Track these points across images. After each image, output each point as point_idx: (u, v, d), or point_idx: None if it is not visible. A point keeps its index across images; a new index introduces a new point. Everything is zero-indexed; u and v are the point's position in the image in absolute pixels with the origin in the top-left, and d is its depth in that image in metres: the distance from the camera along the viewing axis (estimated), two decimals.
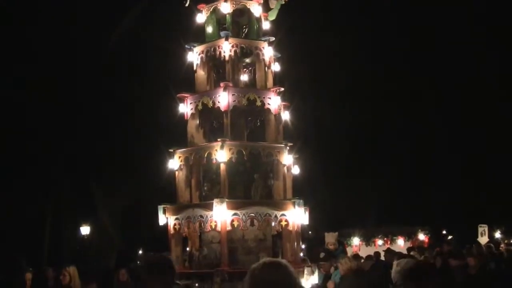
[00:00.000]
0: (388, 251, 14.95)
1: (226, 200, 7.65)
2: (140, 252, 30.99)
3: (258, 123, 9.06)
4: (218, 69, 9.12)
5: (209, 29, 8.96)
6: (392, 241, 21.94)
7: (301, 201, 8.05)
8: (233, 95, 8.25)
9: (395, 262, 8.13)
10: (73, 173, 26.96)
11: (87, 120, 26.75)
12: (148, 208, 12.16)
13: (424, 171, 33.94)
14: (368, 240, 22.20)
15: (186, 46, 8.97)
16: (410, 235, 22.55)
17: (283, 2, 9.13)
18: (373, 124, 31.68)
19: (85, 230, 28.10)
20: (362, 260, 15.78)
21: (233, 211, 7.69)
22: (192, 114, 8.64)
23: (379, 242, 21.94)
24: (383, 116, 31.54)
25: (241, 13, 9.06)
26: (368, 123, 31.63)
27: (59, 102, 26.05)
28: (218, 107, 8.29)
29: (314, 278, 8.19)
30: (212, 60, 8.95)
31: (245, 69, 9.30)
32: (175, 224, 8.22)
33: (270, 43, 8.87)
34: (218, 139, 8.00)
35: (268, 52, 8.82)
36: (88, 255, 26.06)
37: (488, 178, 33.72)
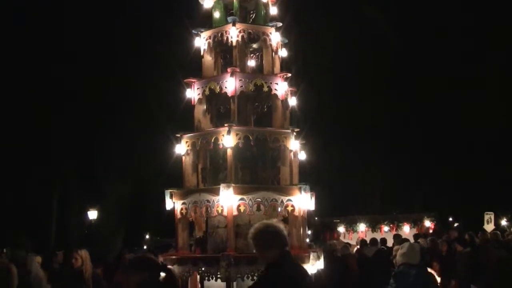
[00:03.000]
0: (397, 236, 15.06)
1: (233, 185, 7.68)
2: (147, 236, 31.14)
3: (265, 109, 9.07)
4: (225, 54, 9.12)
5: (216, 15, 8.95)
6: (398, 227, 22.01)
7: (307, 186, 8.06)
8: (240, 80, 8.26)
9: (397, 246, 8.20)
10: (80, 158, 27.05)
11: (93, 105, 26.76)
12: (155, 193, 12.23)
13: (430, 157, 33.89)
14: (374, 226, 22.27)
15: (193, 31, 8.97)
16: (416, 222, 22.61)
17: None
18: (380, 110, 31.62)
19: (92, 214, 28.24)
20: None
21: (239, 196, 7.71)
22: (199, 99, 8.66)
23: (385, 228, 22.02)
24: (389, 101, 31.47)
25: None
26: (374, 109, 31.57)
27: (66, 88, 26.09)
28: (225, 93, 8.30)
29: (320, 263, 8.22)
30: (219, 46, 8.95)
31: (252, 55, 9.30)
32: (182, 209, 8.26)
33: (277, 29, 8.87)
34: (225, 124, 8.01)
35: (275, 37, 8.82)
36: (95, 239, 26.23)
37: (495, 165, 33.67)
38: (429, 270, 7.83)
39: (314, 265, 7.96)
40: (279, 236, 4.66)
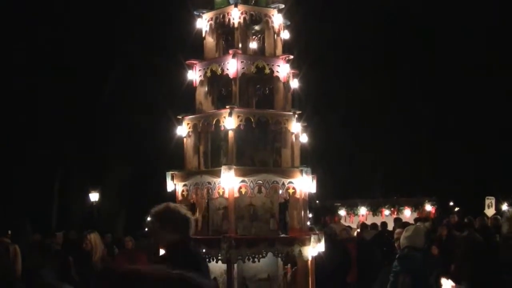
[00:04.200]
0: (397, 220, 15.11)
1: (234, 167, 7.67)
2: (149, 219, 31.15)
3: (267, 91, 9.05)
4: (227, 36, 9.07)
5: None
6: (399, 211, 22.08)
7: (309, 169, 8.05)
8: (242, 62, 8.22)
9: (398, 229, 8.23)
10: (81, 140, 27.04)
11: (95, 87, 26.70)
12: (156, 175, 12.24)
13: (432, 142, 33.90)
14: (375, 210, 22.32)
15: (195, 12, 8.92)
16: (417, 206, 22.67)
17: None
18: (382, 94, 31.56)
19: (93, 196, 28.29)
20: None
21: (240, 178, 7.71)
22: (201, 81, 8.63)
23: (386, 212, 22.08)
24: (392, 86, 31.41)
25: None
26: (377, 93, 31.53)
27: (68, 68, 26.02)
28: (227, 74, 8.27)
29: (321, 246, 8.24)
30: (221, 27, 8.90)
31: (254, 37, 9.25)
32: (183, 191, 8.26)
33: (279, 11, 8.81)
34: (227, 106, 7.99)
35: (277, 19, 8.77)
36: (96, 222, 26.29)
37: (497, 149, 33.67)
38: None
39: (315, 248, 7.98)
40: (181, 220, 4.67)
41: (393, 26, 31.00)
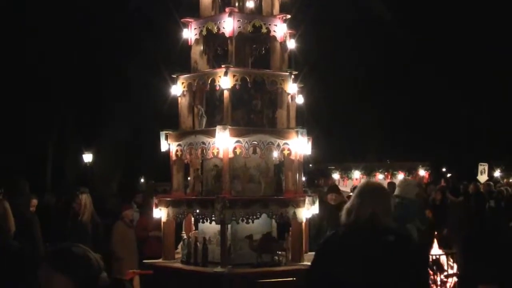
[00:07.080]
0: (391, 184, 15.13)
1: (229, 127, 7.59)
2: (142, 180, 31.15)
3: (263, 51, 8.92)
4: None
5: None
6: (393, 175, 22.13)
7: (305, 130, 7.98)
8: (238, 21, 8.07)
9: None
10: (76, 100, 26.88)
11: (90, 48, 26.45)
12: (150, 135, 12.16)
13: (427, 107, 33.88)
14: (369, 173, 22.37)
15: None
16: (410, 170, 22.72)
17: None
18: (378, 57, 31.35)
19: (87, 157, 28.24)
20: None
21: (235, 138, 7.64)
22: (196, 40, 8.48)
23: (380, 176, 22.13)
24: (390, 49, 31.19)
25: None
26: (374, 57, 31.30)
27: (64, 29, 25.73)
28: (223, 33, 8.12)
29: (315, 208, 8.23)
30: None
31: None
32: (177, 151, 8.20)
33: None
34: (222, 65, 7.86)
35: None
36: (90, 182, 26.26)
37: (490, 117, 33.73)
38: None
39: (309, 210, 7.96)
40: (22, 185, 5.81)
41: None
